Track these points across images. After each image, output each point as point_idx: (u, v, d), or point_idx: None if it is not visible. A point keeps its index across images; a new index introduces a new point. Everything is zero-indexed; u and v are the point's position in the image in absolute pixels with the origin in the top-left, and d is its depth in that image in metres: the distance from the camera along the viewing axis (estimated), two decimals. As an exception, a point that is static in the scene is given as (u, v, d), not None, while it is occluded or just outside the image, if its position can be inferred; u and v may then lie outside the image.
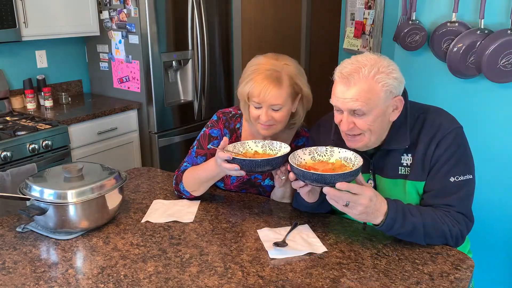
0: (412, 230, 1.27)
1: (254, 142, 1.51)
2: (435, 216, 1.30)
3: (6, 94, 2.87)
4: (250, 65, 1.53)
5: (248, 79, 1.49)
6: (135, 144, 3.15)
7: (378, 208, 1.25)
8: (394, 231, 1.28)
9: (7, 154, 2.32)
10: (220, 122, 1.67)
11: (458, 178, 1.34)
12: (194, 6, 3.17)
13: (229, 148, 1.46)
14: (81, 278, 1.16)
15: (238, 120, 1.68)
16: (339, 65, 1.33)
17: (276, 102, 1.47)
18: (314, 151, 1.37)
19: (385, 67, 1.28)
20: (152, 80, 3.04)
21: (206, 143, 1.65)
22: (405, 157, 1.39)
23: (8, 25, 2.55)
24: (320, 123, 1.59)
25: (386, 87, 1.27)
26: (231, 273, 1.18)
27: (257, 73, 1.48)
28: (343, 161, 1.33)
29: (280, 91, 1.46)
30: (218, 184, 1.72)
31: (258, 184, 1.69)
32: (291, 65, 1.51)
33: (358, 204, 1.21)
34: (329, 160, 1.36)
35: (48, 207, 1.32)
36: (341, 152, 1.35)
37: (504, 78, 1.92)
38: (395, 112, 1.34)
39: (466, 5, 2.04)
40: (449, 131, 1.35)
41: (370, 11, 2.76)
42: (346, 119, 1.31)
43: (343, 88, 1.29)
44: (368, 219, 1.27)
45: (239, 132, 1.66)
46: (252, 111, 1.52)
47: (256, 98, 1.47)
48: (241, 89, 1.52)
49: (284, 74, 1.48)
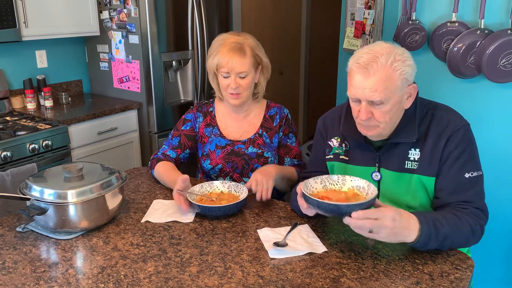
0: (443, 241, 1.24)
1: (221, 183, 1.63)
2: (457, 220, 1.27)
3: (6, 94, 2.87)
4: (216, 41, 1.75)
5: (216, 52, 1.71)
6: (135, 144, 3.15)
7: (406, 226, 1.20)
8: (430, 246, 1.23)
9: (7, 154, 2.32)
10: (194, 108, 1.89)
11: (472, 174, 1.34)
12: (194, 6, 3.17)
13: (196, 188, 1.58)
14: (81, 278, 1.16)
15: (211, 105, 1.89)
16: (353, 56, 1.32)
17: (242, 69, 1.68)
18: (326, 180, 1.35)
19: (400, 55, 1.28)
20: (152, 80, 3.04)
21: (181, 126, 1.86)
22: (413, 152, 1.39)
23: (8, 25, 2.55)
24: (326, 116, 1.61)
25: (403, 75, 1.28)
26: (231, 273, 1.18)
27: (222, 46, 1.70)
28: (356, 190, 1.32)
29: (244, 59, 1.68)
30: (205, 166, 1.81)
31: (242, 153, 1.80)
32: (250, 39, 1.75)
33: (382, 227, 1.16)
34: (341, 189, 1.34)
35: (48, 207, 1.32)
36: (353, 180, 1.34)
37: (504, 78, 1.92)
38: (409, 99, 1.35)
39: (466, 5, 2.04)
40: (458, 127, 1.36)
41: (370, 11, 2.76)
42: (365, 109, 1.30)
43: (362, 78, 1.28)
44: (400, 239, 1.20)
45: (213, 114, 1.86)
46: (222, 81, 1.73)
47: (225, 67, 1.68)
48: (210, 62, 1.74)
49: (246, 45, 1.71)
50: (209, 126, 1.84)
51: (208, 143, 1.82)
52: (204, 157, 1.82)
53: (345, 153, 1.51)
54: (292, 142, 1.85)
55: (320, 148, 1.60)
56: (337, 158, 1.53)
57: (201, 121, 1.85)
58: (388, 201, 1.44)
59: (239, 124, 1.84)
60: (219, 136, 1.82)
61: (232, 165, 1.80)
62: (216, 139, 1.82)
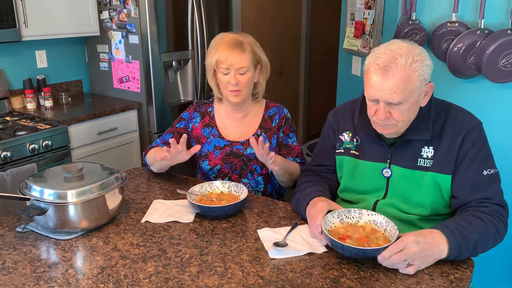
0: (474, 249, 1.23)
1: (221, 183, 1.63)
2: (482, 222, 1.26)
3: (6, 94, 2.87)
4: (214, 40, 1.76)
5: (215, 50, 1.71)
6: (135, 144, 3.15)
7: (432, 243, 1.18)
8: (462, 256, 1.22)
9: (7, 154, 2.32)
10: (192, 107, 1.90)
11: (490, 171, 1.35)
12: (194, 6, 3.17)
13: (196, 188, 1.59)
14: (81, 278, 1.16)
15: (210, 105, 1.88)
16: (370, 55, 1.32)
17: (241, 65, 1.68)
18: (342, 214, 1.35)
19: (418, 55, 1.27)
20: (152, 80, 3.04)
21: (176, 123, 1.89)
22: (426, 149, 1.39)
23: (8, 25, 2.55)
24: (337, 110, 1.61)
25: (421, 76, 1.27)
26: (231, 273, 1.18)
27: (221, 43, 1.71)
28: (373, 225, 1.31)
29: (243, 55, 1.69)
30: (203, 166, 1.81)
31: (241, 154, 1.79)
32: (249, 37, 1.76)
33: (412, 254, 1.15)
34: (358, 222, 1.34)
35: (48, 207, 1.32)
36: (370, 215, 1.33)
37: (504, 78, 1.92)
38: (426, 97, 1.35)
39: (466, 5, 2.04)
40: (473, 126, 1.37)
41: (370, 11, 2.76)
42: (383, 109, 1.30)
43: (381, 79, 1.27)
44: (435, 257, 1.19)
45: (212, 114, 1.86)
46: (221, 78, 1.72)
47: (224, 63, 1.68)
48: (209, 60, 1.73)
49: (245, 41, 1.72)
50: (208, 127, 1.84)
51: (207, 144, 1.82)
52: (203, 157, 1.82)
53: (356, 148, 1.51)
54: (294, 142, 1.85)
55: (329, 141, 1.59)
56: (348, 152, 1.52)
57: (198, 121, 1.85)
58: (396, 199, 1.45)
59: (238, 125, 1.84)
60: (218, 136, 1.82)
61: (231, 166, 1.80)
62: (215, 140, 1.82)
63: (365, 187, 1.50)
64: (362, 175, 1.50)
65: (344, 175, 1.54)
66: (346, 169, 1.53)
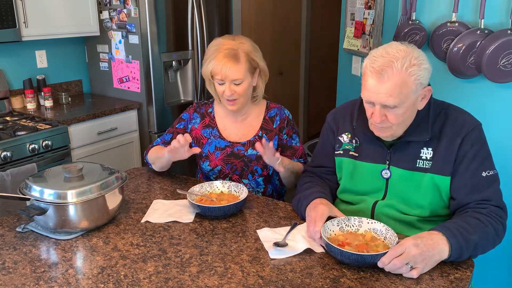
0: (474, 249, 1.23)
1: (221, 183, 1.64)
2: (481, 224, 1.26)
3: (6, 94, 2.87)
4: (211, 46, 1.73)
5: (210, 59, 1.69)
6: (135, 144, 3.15)
7: (432, 244, 1.18)
8: (463, 257, 1.22)
9: (7, 154, 2.32)
10: (192, 108, 1.89)
11: (489, 173, 1.35)
12: (194, 6, 3.17)
13: (196, 188, 1.60)
14: (81, 278, 1.16)
15: (210, 106, 1.88)
16: (368, 57, 1.32)
17: (236, 77, 1.66)
18: (342, 222, 1.34)
19: (416, 59, 1.27)
20: (152, 80, 3.04)
21: (176, 123, 1.89)
22: (425, 151, 1.39)
23: (8, 25, 2.55)
24: (336, 111, 1.61)
25: (418, 80, 1.27)
26: (231, 273, 1.18)
27: (217, 52, 1.67)
28: (373, 233, 1.31)
29: (238, 66, 1.66)
30: (204, 167, 1.81)
31: (242, 155, 1.79)
32: (246, 43, 1.71)
33: (412, 257, 1.14)
34: (358, 231, 1.33)
35: (48, 207, 1.32)
36: (370, 223, 1.33)
37: (504, 78, 1.92)
38: (423, 101, 1.35)
39: (466, 5, 2.04)
40: (473, 127, 1.36)
41: (370, 11, 2.76)
42: (379, 112, 1.30)
43: (376, 83, 1.27)
44: (437, 259, 1.18)
45: (212, 115, 1.86)
46: (217, 88, 1.72)
47: (219, 75, 1.67)
48: (205, 69, 1.73)
49: (240, 51, 1.67)
50: (208, 127, 1.84)
51: (207, 144, 1.82)
52: (203, 158, 1.82)
53: (355, 149, 1.51)
54: (297, 143, 1.85)
55: (328, 142, 1.59)
56: (347, 154, 1.52)
57: (198, 122, 1.85)
58: (395, 200, 1.45)
59: (239, 126, 1.84)
60: (219, 137, 1.82)
61: (231, 167, 1.80)
62: (215, 141, 1.82)
63: (364, 188, 1.50)
64: (361, 176, 1.49)
65: (343, 176, 1.54)
66: (345, 171, 1.53)
